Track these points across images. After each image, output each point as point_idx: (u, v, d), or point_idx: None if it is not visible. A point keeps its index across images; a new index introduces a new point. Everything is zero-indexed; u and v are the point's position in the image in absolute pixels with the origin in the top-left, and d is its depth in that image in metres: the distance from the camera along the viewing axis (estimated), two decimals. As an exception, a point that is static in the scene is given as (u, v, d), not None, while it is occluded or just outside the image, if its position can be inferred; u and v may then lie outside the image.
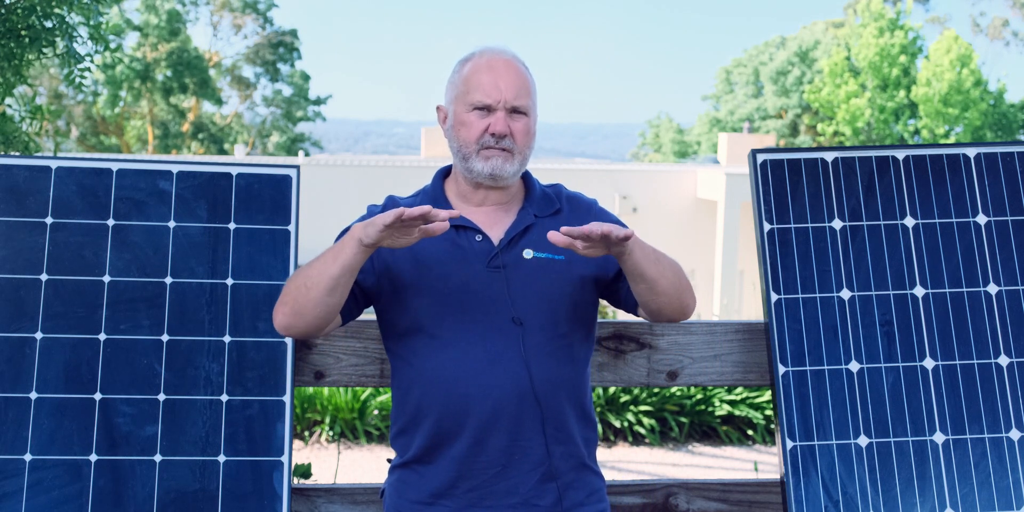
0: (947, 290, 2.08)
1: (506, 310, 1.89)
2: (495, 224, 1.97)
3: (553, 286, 1.92)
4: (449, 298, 1.90)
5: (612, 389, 6.81)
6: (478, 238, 1.93)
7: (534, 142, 1.97)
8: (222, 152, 32.21)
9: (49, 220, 2.08)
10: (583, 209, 2.04)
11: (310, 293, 1.80)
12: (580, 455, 1.96)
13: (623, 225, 2.04)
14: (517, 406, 1.89)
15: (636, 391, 6.84)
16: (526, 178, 2.04)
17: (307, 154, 31.05)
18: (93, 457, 2.00)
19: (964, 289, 2.09)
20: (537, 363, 1.89)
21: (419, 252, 1.92)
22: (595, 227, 1.71)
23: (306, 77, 35.00)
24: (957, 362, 2.05)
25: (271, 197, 2.14)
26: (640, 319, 2.05)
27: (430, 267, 1.91)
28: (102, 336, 2.04)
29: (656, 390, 6.83)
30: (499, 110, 1.91)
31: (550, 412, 1.91)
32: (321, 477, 5.55)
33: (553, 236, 1.71)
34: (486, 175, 1.92)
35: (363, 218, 2.01)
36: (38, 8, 2.60)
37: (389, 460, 2.02)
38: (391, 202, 2.03)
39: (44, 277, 2.05)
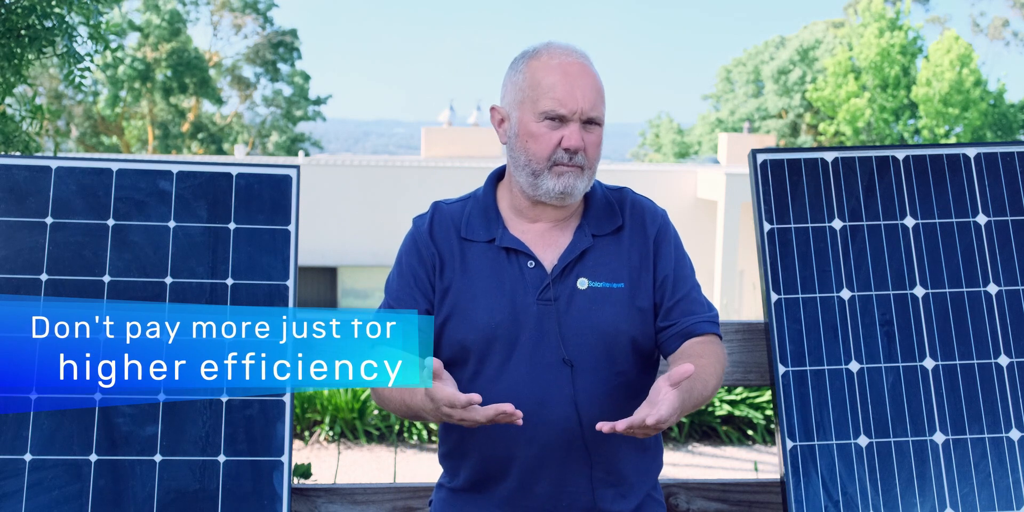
0: (947, 290, 2.08)
1: (556, 350, 1.77)
2: (549, 246, 1.83)
3: (610, 321, 1.79)
4: (497, 332, 1.78)
5: (612, 389, 6.81)
6: (530, 265, 1.80)
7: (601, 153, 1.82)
8: (222, 152, 32.20)
9: (49, 220, 2.08)
10: (648, 222, 1.88)
11: (400, 413, 1.79)
12: (637, 492, 1.87)
13: (682, 253, 1.90)
14: (564, 452, 1.79)
15: (636, 391, 6.84)
16: None
17: (307, 154, 31.04)
18: (93, 457, 2.00)
19: (964, 289, 2.09)
20: (589, 407, 1.77)
21: (473, 278, 1.82)
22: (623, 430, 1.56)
23: (306, 77, 34.99)
24: (957, 362, 2.05)
25: (271, 197, 2.14)
26: None
27: (477, 297, 1.81)
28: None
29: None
30: (574, 122, 1.74)
31: (600, 457, 1.81)
32: (321, 477, 5.56)
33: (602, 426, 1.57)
34: (556, 194, 1.77)
35: (412, 236, 1.91)
36: (38, 8, 2.60)
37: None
38: (437, 211, 1.91)
39: (44, 277, 2.05)
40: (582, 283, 1.80)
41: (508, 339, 1.78)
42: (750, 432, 6.85)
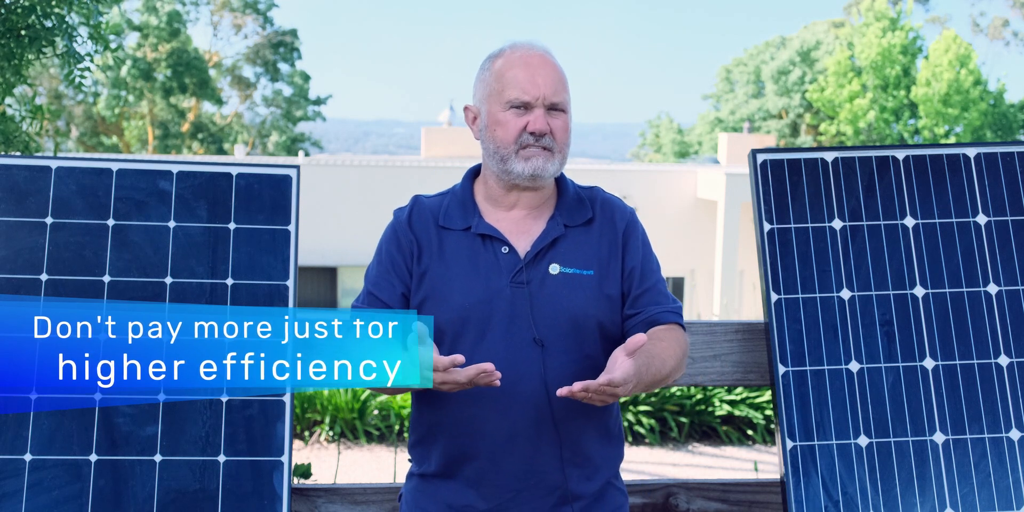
0: (947, 290, 2.09)
1: (528, 330, 1.84)
2: (523, 233, 1.91)
3: (579, 305, 1.86)
4: (470, 314, 1.85)
5: (612, 389, 6.80)
6: (504, 250, 1.87)
7: (571, 140, 1.90)
8: (222, 152, 32.19)
9: (49, 220, 2.08)
10: (617, 218, 1.96)
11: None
12: (601, 476, 1.92)
13: (649, 249, 1.97)
14: (535, 431, 1.84)
15: (636, 391, 6.84)
16: (559, 179, 1.97)
17: (307, 154, 31.04)
18: (93, 457, 2.00)
19: (964, 289, 2.09)
20: (558, 386, 1.79)
21: (449, 263, 1.89)
22: (579, 392, 1.64)
23: (306, 77, 34.98)
24: (957, 362, 2.05)
25: (271, 197, 2.14)
26: None
27: (452, 280, 1.87)
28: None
29: (656, 390, 6.84)
30: (537, 107, 1.84)
31: (568, 437, 1.86)
32: (321, 477, 5.56)
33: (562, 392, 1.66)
34: (527, 176, 1.85)
35: (392, 226, 1.97)
36: (38, 8, 2.61)
37: (411, 460, 2.01)
38: (416, 203, 1.98)
39: (44, 277, 2.05)
40: (554, 268, 1.88)
41: (481, 319, 1.85)
42: (750, 432, 6.86)
